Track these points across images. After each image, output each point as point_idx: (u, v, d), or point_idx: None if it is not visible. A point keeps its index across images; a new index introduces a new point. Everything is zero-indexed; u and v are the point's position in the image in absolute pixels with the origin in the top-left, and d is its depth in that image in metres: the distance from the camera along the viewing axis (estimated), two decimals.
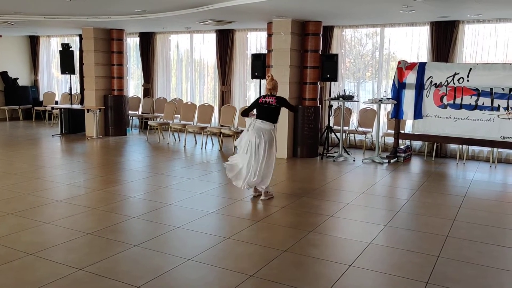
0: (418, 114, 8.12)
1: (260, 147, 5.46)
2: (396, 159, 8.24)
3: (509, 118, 7.43)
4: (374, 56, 9.54)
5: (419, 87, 8.04)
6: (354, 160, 8.22)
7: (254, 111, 5.63)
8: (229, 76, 10.63)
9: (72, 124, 10.80)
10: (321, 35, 8.54)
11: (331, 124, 8.85)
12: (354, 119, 9.37)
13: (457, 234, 4.52)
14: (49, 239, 4.18)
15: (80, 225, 4.54)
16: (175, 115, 10.30)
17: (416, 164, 8.16)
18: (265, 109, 5.51)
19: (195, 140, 10.03)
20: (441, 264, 3.78)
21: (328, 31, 9.27)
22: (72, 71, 10.97)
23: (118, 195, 5.73)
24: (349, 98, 8.29)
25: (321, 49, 8.59)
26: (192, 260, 3.75)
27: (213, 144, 9.67)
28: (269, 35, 8.55)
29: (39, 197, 5.50)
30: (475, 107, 7.69)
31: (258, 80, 9.22)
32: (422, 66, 8.03)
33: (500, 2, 6.41)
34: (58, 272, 3.48)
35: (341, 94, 8.41)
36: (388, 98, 8.17)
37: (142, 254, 3.87)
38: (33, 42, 13.72)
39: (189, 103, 10.40)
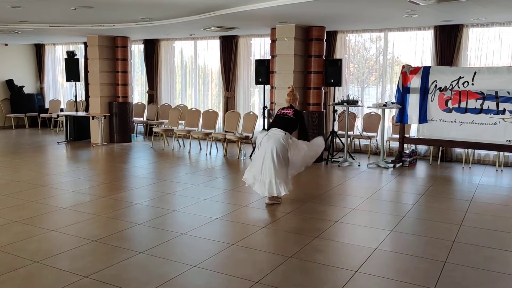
0: (423, 118, 8.10)
1: (267, 151, 5.43)
2: (401, 163, 8.20)
3: None
4: (378, 60, 9.53)
5: (424, 91, 8.02)
6: (359, 165, 8.20)
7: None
8: (233, 82, 10.66)
9: (77, 131, 10.84)
10: (324, 40, 8.54)
11: (336, 129, 8.83)
12: (358, 124, 9.35)
13: (464, 239, 4.48)
14: (54, 246, 4.19)
15: (85, 232, 4.55)
16: (180, 121, 10.32)
17: (421, 169, 8.12)
18: (281, 119, 5.58)
19: (200, 146, 10.04)
20: (448, 270, 3.75)
21: (332, 36, 9.28)
22: (77, 79, 11.04)
23: (123, 202, 5.73)
24: (354, 103, 8.27)
25: (324, 54, 8.60)
26: (198, 267, 3.74)
27: (217, 150, 9.67)
28: (273, 41, 8.56)
29: (45, 205, 5.51)
30: (480, 110, 7.65)
31: (262, 85, 9.23)
32: (426, 70, 8.01)
33: (504, 5, 6.40)
34: (64, 279, 3.48)
35: (345, 99, 8.40)
36: (392, 103, 8.15)
37: (147, 261, 3.86)
38: (39, 50, 13.82)
39: (193, 109, 10.43)
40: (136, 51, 12.27)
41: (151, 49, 11.70)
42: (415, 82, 8.08)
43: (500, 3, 6.27)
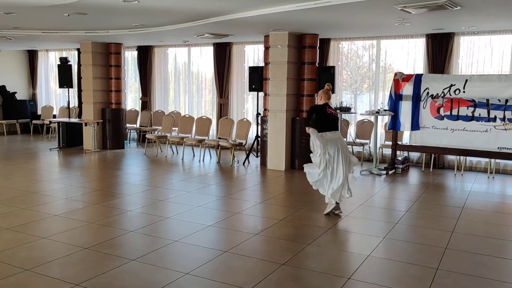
0: (415, 125, 8.15)
1: (339, 155, 5.43)
2: (394, 170, 8.24)
3: (505, 129, 7.46)
4: (371, 68, 9.60)
5: (416, 99, 8.08)
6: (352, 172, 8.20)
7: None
8: (227, 88, 10.68)
9: (69, 137, 10.79)
10: (317, 47, 8.60)
11: None
12: (351, 130, 9.38)
13: (455, 245, 4.50)
14: (45, 254, 4.15)
15: (77, 240, 4.51)
16: (173, 128, 10.30)
17: (414, 176, 8.16)
18: (332, 120, 5.56)
19: (193, 153, 10.02)
20: (440, 277, 3.76)
21: (325, 43, 9.34)
22: (70, 85, 11.00)
23: (116, 209, 5.70)
24: (347, 110, 8.31)
25: (318, 61, 8.65)
26: (190, 274, 3.73)
27: (211, 157, 9.66)
28: (266, 48, 8.60)
29: (36, 212, 5.47)
30: (471, 118, 7.72)
31: (256, 92, 9.26)
32: (418, 78, 8.08)
33: (493, 14, 6.48)
34: (55, 287, 3.45)
35: (338, 106, 8.44)
36: (385, 110, 8.21)
37: (139, 269, 3.84)
38: (32, 56, 13.77)
39: (187, 116, 10.43)
40: (130, 57, 12.26)
41: (145, 55, 11.71)
42: (407, 89, 8.14)
43: (489, 12, 6.35)
